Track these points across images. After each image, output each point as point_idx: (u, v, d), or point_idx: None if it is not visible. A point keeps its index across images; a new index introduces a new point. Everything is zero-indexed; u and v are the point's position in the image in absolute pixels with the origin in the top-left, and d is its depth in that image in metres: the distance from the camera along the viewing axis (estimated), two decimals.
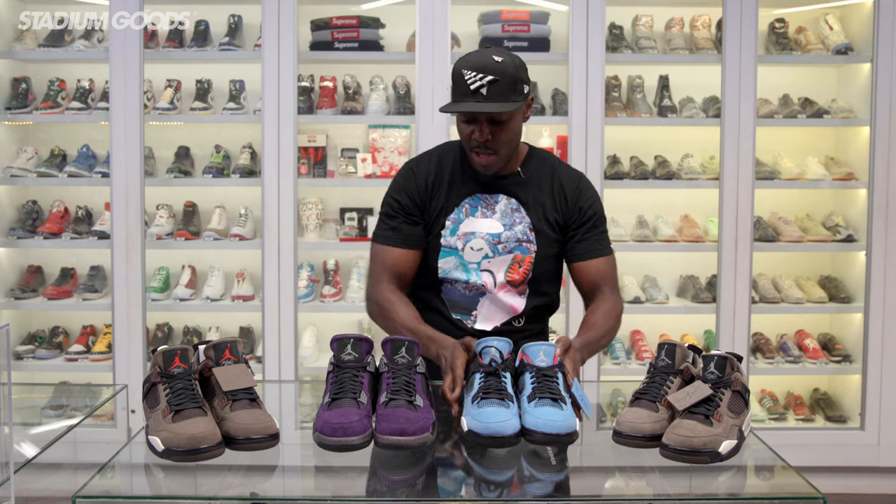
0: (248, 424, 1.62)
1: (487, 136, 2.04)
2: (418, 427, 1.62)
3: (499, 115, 2.02)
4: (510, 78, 2.02)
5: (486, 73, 1.99)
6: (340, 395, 1.68)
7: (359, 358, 1.75)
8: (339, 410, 1.64)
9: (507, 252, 2.15)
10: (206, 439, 1.57)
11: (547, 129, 4.11)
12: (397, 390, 1.69)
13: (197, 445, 1.56)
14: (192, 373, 1.69)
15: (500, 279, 2.15)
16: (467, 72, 1.99)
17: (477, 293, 2.16)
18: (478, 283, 2.15)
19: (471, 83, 1.99)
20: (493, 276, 2.15)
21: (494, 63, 2.00)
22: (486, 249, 2.15)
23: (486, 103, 1.99)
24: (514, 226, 2.16)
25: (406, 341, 1.78)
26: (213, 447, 1.57)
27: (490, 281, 2.15)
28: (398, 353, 1.76)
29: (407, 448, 1.62)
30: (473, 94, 1.99)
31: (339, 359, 1.75)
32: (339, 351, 1.76)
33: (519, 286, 2.17)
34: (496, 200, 2.18)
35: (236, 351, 1.76)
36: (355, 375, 1.72)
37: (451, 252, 2.16)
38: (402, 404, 1.66)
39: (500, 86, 2.00)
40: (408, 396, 1.68)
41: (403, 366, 1.74)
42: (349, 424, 1.60)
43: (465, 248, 2.15)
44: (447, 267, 2.17)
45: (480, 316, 2.18)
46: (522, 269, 2.16)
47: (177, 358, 1.69)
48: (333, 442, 1.60)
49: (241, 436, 1.62)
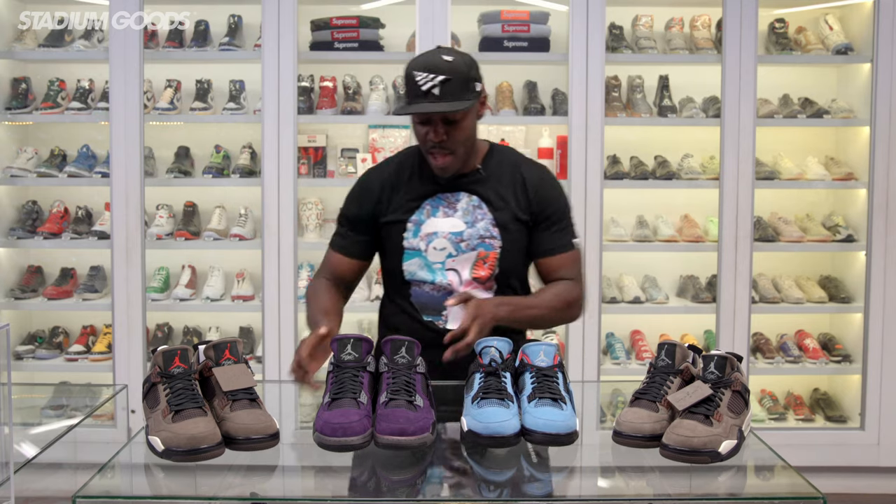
0: (248, 424, 1.62)
1: (443, 136, 2.05)
2: (418, 427, 1.62)
3: (453, 115, 2.02)
4: (462, 77, 2.02)
5: (437, 73, 1.99)
6: (340, 395, 1.68)
7: (359, 358, 1.75)
8: (339, 410, 1.63)
9: (471, 249, 2.15)
10: (206, 439, 1.57)
11: (547, 129, 4.11)
12: (397, 390, 1.69)
13: (197, 445, 1.56)
14: (192, 373, 1.69)
15: (465, 277, 2.15)
16: (418, 73, 2.01)
17: (444, 293, 2.16)
18: (444, 282, 2.15)
19: (422, 84, 1.99)
20: (459, 275, 2.15)
21: (445, 63, 2.01)
22: (449, 248, 2.15)
23: (438, 103, 1.99)
24: (477, 223, 2.16)
25: (406, 341, 1.78)
26: (213, 447, 1.57)
27: (456, 279, 2.16)
28: (398, 353, 1.76)
29: (407, 448, 1.62)
30: (426, 94, 1.99)
31: (339, 359, 1.75)
32: (339, 351, 1.76)
33: (486, 282, 2.17)
34: (457, 199, 2.18)
35: (236, 351, 1.76)
36: (355, 375, 1.72)
37: (414, 254, 2.17)
38: (402, 404, 1.66)
39: (452, 85, 2.00)
40: (408, 396, 1.68)
41: (403, 366, 1.74)
42: (349, 424, 1.60)
43: (428, 248, 2.16)
44: (412, 269, 2.17)
45: (451, 315, 2.17)
46: (488, 265, 2.16)
47: (177, 358, 1.69)
48: (333, 442, 1.60)
49: (241, 436, 1.62)
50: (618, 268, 4.19)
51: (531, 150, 4.13)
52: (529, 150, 4.12)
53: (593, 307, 3.91)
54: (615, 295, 4.06)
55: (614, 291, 4.08)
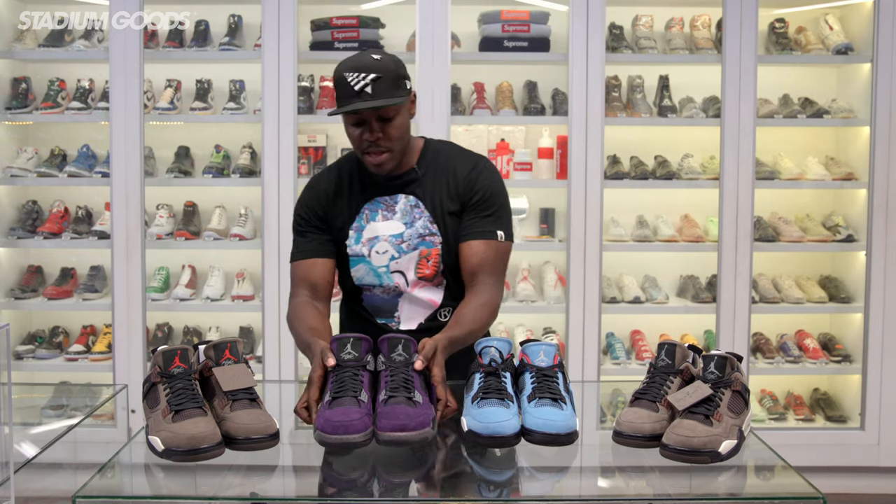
0: (247, 424, 1.62)
1: (378, 133, 2.05)
2: (419, 422, 1.62)
3: (386, 112, 2.03)
4: (392, 74, 2.03)
5: (367, 71, 1.99)
6: (341, 393, 1.67)
7: (358, 357, 1.75)
8: (340, 409, 1.63)
9: (412, 249, 2.15)
10: (206, 439, 1.57)
11: (547, 129, 4.11)
12: (396, 387, 1.69)
13: (197, 445, 1.56)
14: (192, 373, 1.69)
15: (411, 277, 2.16)
16: (349, 74, 2.00)
17: (395, 295, 2.18)
18: (391, 285, 2.16)
19: (354, 84, 1.99)
20: (405, 276, 2.16)
21: (374, 61, 2.02)
22: (391, 251, 2.15)
23: (372, 100, 1.99)
24: (415, 222, 2.16)
25: (402, 339, 1.78)
26: (213, 447, 1.57)
27: (402, 281, 2.16)
28: (395, 351, 1.76)
29: (408, 443, 1.62)
30: (359, 94, 1.99)
31: (339, 358, 1.75)
32: (338, 350, 1.76)
33: (433, 279, 2.17)
34: (395, 200, 2.18)
35: (236, 351, 1.76)
36: (355, 374, 1.72)
37: (359, 260, 2.17)
38: (401, 401, 1.66)
39: (384, 82, 2.00)
40: (407, 393, 1.68)
41: (401, 363, 1.75)
42: (350, 422, 1.60)
43: (370, 253, 2.16)
44: (359, 275, 2.18)
45: (403, 316, 2.18)
46: (431, 262, 2.16)
47: (177, 358, 1.69)
48: (335, 440, 1.60)
49: (241, 436, 1.62)
50: (618, 268, 4.19)
51: (531, 150, 4.13)
52: (529, 150, 4.12)
53: (593, 307, 3.91)
54: (615, 295, 4.06)
55: (614, 291, 4.08)
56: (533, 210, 4.17)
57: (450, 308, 2.18)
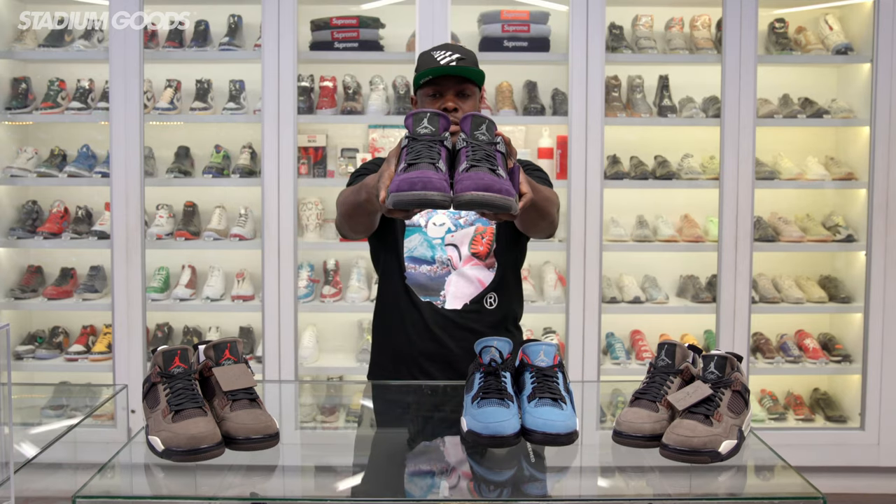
0: (247, 424, 1.62)
1: (456, 105, 2.12)
2: (504, 188, 1.51)
3: (465, 88, 2.13)
4: (473, 59, 2.19)
5: (455, 51, 2.15)
6: (418, 161, 1.56)
7: (435, 132, 1.64)
8: (416, 171, 1.53)
9: (469, 224, 2.22)
10: (205, 439, 1.57)
11: (547, 129, 4.11)
12: (478, 159, 1.58)
13: (197, 445, 1.56)
14: (192, 373, 1.69)
15: (464, 252, 2.21)
16: (437, 52, 2.15)
17: (443, 272, 2.21)
18: (444, 258, 2.21)
19: (441, 59, 2.13)
20: (458, 250, 2.21)
21: (459, 46, 2.20)
22: (448, 224, 2.22)
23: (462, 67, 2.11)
24: None
25: (486, 119, 1.67)
26: (213, 447, 1.57)
27: (455, 255, 2.21)
28: (479, 129, 1.65)
29: (491, 206, 1.50)
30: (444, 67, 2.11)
31: (414, 132, 1.64)
32: (414, 125, 1.65)
33: (486, 259, 2.22)
34: None
35: (236, 351, 1.76)
36: (432, 146, 1.61)
37: (415, 230, 2.22)
38: (484, 170, 1.55)
39: (468, 62, 2.15)
40: (489, 164, 1.57)
41: (483, 142, 1.63)
42: (429, 180, 1.50)
43: (427, 224, 2.23)
44: (412, 245, 2.22)
45: (449, 294, 2.21)
46: (486, 239, 2.22)
47: (177, 358, 1.69)
48: (412, 197, 1.49)
49: (241, 436, 1.62)
50: (618, 268, 4.19)
51: (531, 150, 4.13)
52: (529, 151, 4.12)
53: (593, 307, 3.91)
54: (615, 295, 4.06)
55: (614, 291, 4.08)
56: None
57: (496, 295, 2.21)
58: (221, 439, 1.60)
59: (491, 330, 2.18)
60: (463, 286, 2.21)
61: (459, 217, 2.21)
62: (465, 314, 2.18)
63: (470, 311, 2.20)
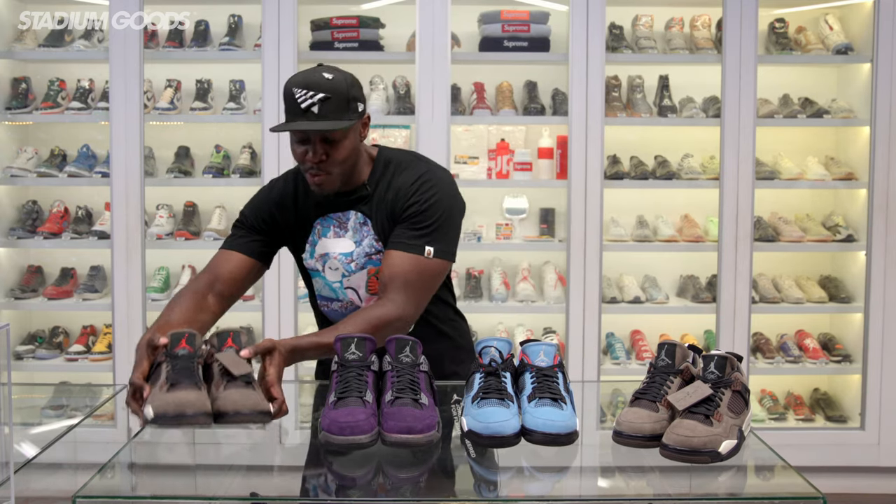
0: (237, 400, 1.61)
1: (322, 156, 1.97)
2: (425, 425, 1.62)
3: (331, 134, 1.95)
4: (342, 95, 1.94)
5: (316, 90, 1.91)
6: (346, 394, 1.67)
7: (363, 357, 1.74)
8: (345, 409, 1.63)
9: (360, 268, 2.10)
10: (193, 406, 1.56)
11: (547, 129, 4.11)
12: (402, 389, 1.68)
13: (183, 411, 1.55)
14: (196, 356, 1.68)
15: (363, 294, 2.13)
16: (297, 90, 1.92)
17: (352, 308, 2.14)
18: (346, 299, 2.14)
19: (301, 101, 1.91)
20: (357, 293, 2.13)
21: (325, 80, 1.93)
22: (341, 269, 2.12)
23: (317, 122, 1.92)
24: (363, 240, 2.10)
25: (410, 341, 1.78)
26: (200, 414, 1.56)
27: (356, 297, 2.13)
28: (402, 353, 1.76)
29: (415, 446, 1.61)
30: (304, 112, 1.92)
31: (343, 358, 1.75)
32: (342, 350, 1.76)
33: None
34: (347, 218, 2.12)
35: (239, 340, 1.76)
36: (360, 374, 1.71)
37: (315, 274, 2.16)
38: (407, 403, 1.65)
39: (332, 104, 1.92)
40: (413, 395, 1.68)
41: (407, 364, 1.74)
42: (356, 423, 1.60)
43: (324, 269, 2.14)
44: (318, 286, 2.17)
45: None
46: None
47: (183, 340, 1.70)
48: (341, 441, 1.59)
49: (231, 410, 1.60)
50: (618, 268, 4.19)
51: (531, 150, 4.13)
52: (529, 150, 4.12)
53: (593, 307, 3.91)
54: (615, 295, 4.06)
55: (614, 291, 4.08)
56: (533, 210, 4.17)
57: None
58: (210, 410, 1.59)
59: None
60: None
61: (351, 261, 2.09)
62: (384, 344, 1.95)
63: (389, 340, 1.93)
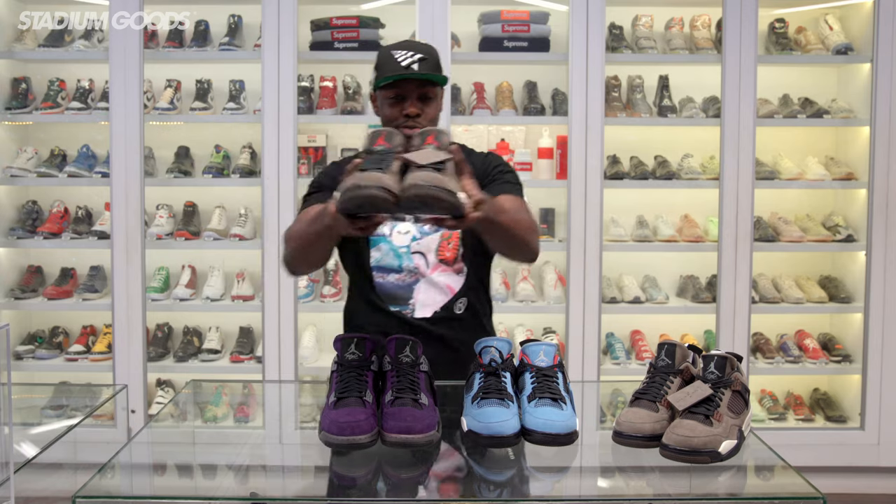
0: (423, 180, 1.58)
1: (417, 111, 2.10)
2: (425, 425, 1.62)
3: (429, 91, 2.09)
4: (435, 59, 2.13)
5: (416, 51, 2.09)
6: (346, 394, 1.68)
7: (363, 357, 1.75)
8: (345, 409, 1.63)
9: (434, 230, 2.18)
10: (371, 179, 1.58)
11: (547, 129, 4.11)
12: (402, 389, 1.69)
13: (360, 182, 1.58)
14: (393, 152, 1.69)
15: (432, 260, 2.17)
16: (397, 52, 2.09)
17: (411, 280, 2.17)
18: (411, 266, 2.17)
19: (402, 60, 2.07)
20: (425, 258, 2.17)
21: (422, 45, 2.14)
22: (413, 231, 2.18)
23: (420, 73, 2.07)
24: None
25: (410, 340, 1.79)
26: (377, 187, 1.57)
27: (422, 263, 2.17)
28: (402, 352, 1.76)
29: (414, 446, 1.62)
30: (406, 69, 2.07)
31: (342, 358, 1.75)
32: (342, 350, 1.76)
33: (453, 265, 2.19)
34: None
35: (441, 139, 1.74)
36: (360, 375, 1.72)
37: (380, 240, 2.18)
38: (407, 403, 1.66)
39: (429, 64, 2.10)
40: (413, 395, 1.68)
41: (407, 364, 1.75)
42: (356, 423, 1.60)
43: (392, 233, 2.18)
44: (378, 255, 2.18)
45: (418, 303, 2.17)
46: (452, 245, 2.18)
47: (381, 137, 1.73)
48: (341, 441, 1.60)
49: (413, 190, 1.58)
50: (618, 268, 4.19)
51: (531, 150, 4.13)
52: (529, 151, 4.12)
53: (593, 307, 3.91)
54: (615, 295, 4.06)
55: (614, 291, 4.08)
56: (533, 210, 4.16)
57: (466, 300, 2.19)
58: (390, 186, 1.58)
59: (461, 335, 2.14)
60: (433, 294, 2.17)
61: (424, 224, 2.16)
62: (434, 322, 2.15)
63: (439, 318, 2.16)
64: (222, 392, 2.41)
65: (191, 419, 2.12)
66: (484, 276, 2.28)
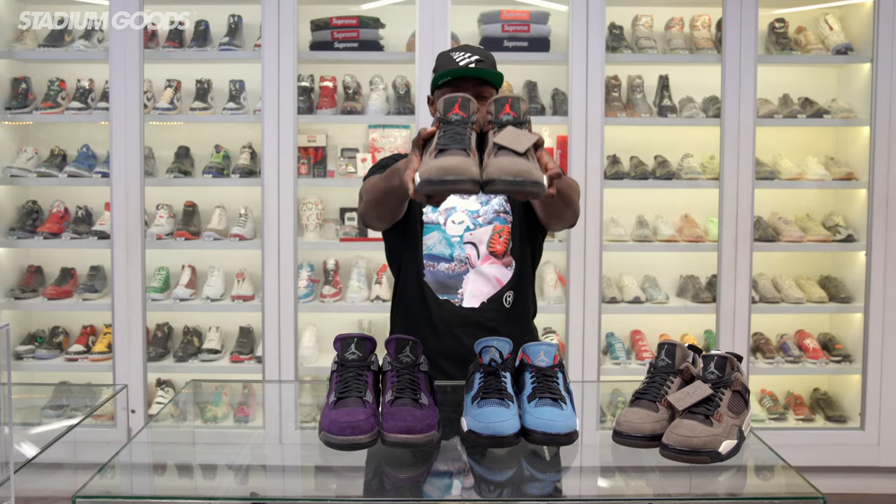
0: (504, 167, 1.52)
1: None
2: (425, 425, 1.62)
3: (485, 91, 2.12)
4: (492, 62, 2.19)
5: (474, 53, 2.15)
6: (346, 394, 1.68)
7: (363, 357, 1.75)
8: (345, 409, 1.63)
9: (487, 223, 2.23)
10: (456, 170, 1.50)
11: (547, 129, 4.11)
12: (402, 389, 1.70)
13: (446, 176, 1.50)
14: (469, 122, 1.64)
15: (483, 251, 2.22)
16: (456, 54, 2.15)
17: (461, 270, 2.22)
18: (462, 255, 2.21)
19: (461, 61, 2.13)
20: (477, 248, 2.22)
21: (478, 48, 2.19)
22: (467, 222, 2.23)
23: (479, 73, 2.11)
24: (491, 200, 2.24)
25: (410, 340, 1.79)
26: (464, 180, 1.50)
27: (473, 253, 2.22)
28: (402, 352, 1.77)
29: (414, 446, 1.62)
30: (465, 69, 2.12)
31: (343, 358, 1.75)
32: (342, 350, 1.76)
33: (503, 258, 2.23)
34: None
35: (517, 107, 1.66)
36: (360, 374, 1.72)
37: (434, 227, 2.23)
38: (407, 403, 1.66)
39: (486, 65, 2.15)
40: (413, 395, 1.68)
41: (407, 364, 1.75)
42: (357, 423, 1.60)
43: (446, 222, 2.23)
44: (431, 243, 2.23)
45: (467, 293, 2.22)
46: (503, 238, 2.23)
47: (457, 105, 1.66)
48: (341, 441, 1.60)
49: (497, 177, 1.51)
50: (618, 268, 4.19)
51: None
52: None
53: (593, 307, 3.91)
54: (615, 295, 4.06)
55: (614, 291, 4.08)
56: None
57: (513, 293, 2.22)
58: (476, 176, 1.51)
59: (508, 328, 2.17)
60: (481, 284, 2.21)
61: (478, 216, 2.22)
62: (482, 312, 2.19)
63: (487, 309, 2.20)
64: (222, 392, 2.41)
65: (191, 419, 2.12)
66: (531, 275, 2.31)
